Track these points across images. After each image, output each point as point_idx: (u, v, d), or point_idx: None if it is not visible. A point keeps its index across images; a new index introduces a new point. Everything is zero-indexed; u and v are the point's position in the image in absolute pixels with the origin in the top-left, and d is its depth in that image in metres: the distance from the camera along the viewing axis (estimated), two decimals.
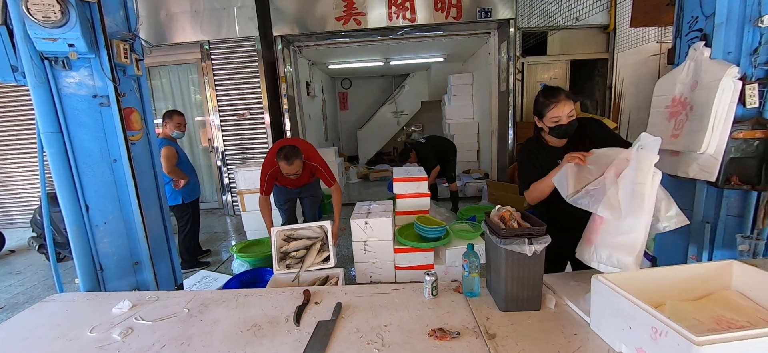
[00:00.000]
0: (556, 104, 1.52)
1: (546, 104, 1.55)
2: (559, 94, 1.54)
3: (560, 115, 1.52)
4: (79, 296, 1.64)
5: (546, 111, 1.55)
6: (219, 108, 4.97)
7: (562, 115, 1.52)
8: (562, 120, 1.53)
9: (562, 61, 5.52)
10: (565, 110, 1.52)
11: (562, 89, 1.56)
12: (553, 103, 1.53)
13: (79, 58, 1.58)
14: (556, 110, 1.52)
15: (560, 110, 1.52)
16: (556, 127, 1.55)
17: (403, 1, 4.54)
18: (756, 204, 1.62)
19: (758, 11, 1.43)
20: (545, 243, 1.20)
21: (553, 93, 1.55)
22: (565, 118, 1.52)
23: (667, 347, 0.84)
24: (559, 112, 1.52)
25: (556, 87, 1.59)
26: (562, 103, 1.52)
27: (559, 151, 1.63)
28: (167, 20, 4.65)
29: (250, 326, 1.30)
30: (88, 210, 1.74)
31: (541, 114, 1.59)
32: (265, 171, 2.67)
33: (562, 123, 1.53)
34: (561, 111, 1.52)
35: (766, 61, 1.48)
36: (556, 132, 1.57)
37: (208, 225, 4.85)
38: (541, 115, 1.59)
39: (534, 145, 1.71)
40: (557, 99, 1.52)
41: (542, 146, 1.69)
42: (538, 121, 1.64)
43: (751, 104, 1.50)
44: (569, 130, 1.56)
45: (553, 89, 1.57)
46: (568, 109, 1.52)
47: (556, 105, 1.52)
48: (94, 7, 1.56)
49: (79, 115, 1.66)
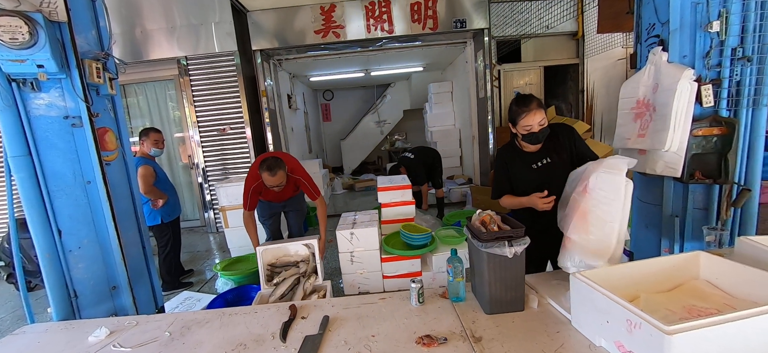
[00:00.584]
0: (527, 113, 1.57)
1: (518, 112, 1.59)
2: (530, 102, 1.58)
3: (532, 123, 1.57)
4: (52, 326, 1.56)
5: (518, 119, 1.60)
6: (198, 124, 4.88)
7: (534, 124, 1.57)
8: (533, 128, 1.58)
9: (536, 67, 5.73)
10: (536, 118, 1.56)
11: (534, 97, 1.61)
12: (525, 112, 1.57)
13: (49, 78, 1.53)
14: (527, 118, 1.57)
15: (532, 119, 1.56)
16: (528, 134, 1.60)
17: (381, 14, 4.63)
18: (719, 196, 1.72)
19: (707, 17, 1.55)
20: (525, 245, 1.23)
21: (525, 101, 1.59)
22: (537, 125, 1.57)
23: (642, 338, 0.88)
24: (530, 120, 1.57)
25: (528, 95, 1.63)
26: (533, 112, 1.56)
27: (534, 156, 1.71)
28: (142, 37, 4.57)
29: (235, 346, 1.28)
30: (61, 235, 1.67)
31: (514, 121, 1.63)
32: (248, 185, 2.63)
33: (534, 131, 1.58)
34: (532, 119, 1.56)
35: (717, 63, 1.60)
36: (528, 139, 1.62)
37: (190, 244, 4.71)
38: (514, 122, 1.64)
39: (509, 152, 1.76)
40: (529, 108, 1.57)
41: (517, 152, 1.74)
42: (512, 127, 1.70)
43: (707, 103, 1.61)
44: (541, 137, 1.61)
45: (524, 98, 1.61)
46: (539, 117, 1.56)
47: (527, 114, 1.57)
48: (64, 27, 1.53)
49: (50, 137, 1.60)
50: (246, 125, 4.84)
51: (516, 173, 1.74)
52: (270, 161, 2.44)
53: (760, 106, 1.62)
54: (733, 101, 1.63)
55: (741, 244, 1.25)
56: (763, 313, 0.84)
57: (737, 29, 1.55)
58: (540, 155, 1.70)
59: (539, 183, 1.67)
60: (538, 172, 1.70)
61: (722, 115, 1.64)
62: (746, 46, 1.57)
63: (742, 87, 1.60)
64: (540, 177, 1.69)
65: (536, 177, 1.69)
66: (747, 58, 1.57)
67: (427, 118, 7.34)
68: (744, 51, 1.57)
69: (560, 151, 1.67)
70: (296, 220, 3.07)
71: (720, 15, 1.53)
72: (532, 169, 1.70)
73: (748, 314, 0.84)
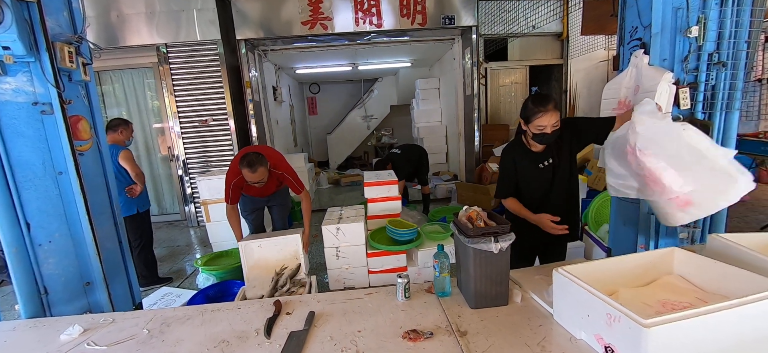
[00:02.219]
0: (544, 113, 1.53)
1: (534, 111, 1.55)
2: (547, 102, 1.53)
3: (546, 124, 1.54)
4: (20, 324, 1.48)
5: (533, 118, 1.56)
6: (179, 114, 4.71)
7: (548, 125, 1.54)
8: (546, 129, 1.54)
9: (521, 66, 5.82)
10: (552, 120, 1.53)
11: (551, 98, 1.57)
12: (541, 111, 1.53)
13: (16, 62, 1.44)
14: (542, 119, 1.53)
15: (547, 119, 1.53)
16: (539, 134, 1.57)
17: (370, 7, 4.58)
18: None
19: (687, 22, 1.60)
20: (510, 241, 1.25)
21: (542, 101, 1.54)
22: (550, 127, 1.54)
23: (621, 331, 0.91)
24: (545, 121, 1.53)
25: (546, 95, 1.58)
26: (550, 113, 1.52)
27: (540, 156, 1.69)
28: (119, 22, 4.36)
29: (218, 343, 1.25)
30: (30, 228, 1.58)
31: (528, 119, 1.59)
32: (229, 180, 2.54)
33: (547, 132, 1.55)
34: (548, 120, 1.53)
35: (695, 67, 1.66)
36: (538, 139, 1.60)
37: (170, 239, 4.58)
38: (528, 120, 1.59)
39: (517, 150, 1.72)
40: (546, 108, 1.52)
41: (525, 150, 1.71)
42: (523, 123, 1.64)
43: (685, 105, 1.67)
44: (551, 138, 1.58)
45: (542, 97, 1.56)
46: (555, 119, 1.53)
47: (544, 114, 1.53)
48: (33, 7, 1.43)
49: (17, 124, 1.51)
50: (229, 117, 4.72)
51: (522, 172, 1.72)
52: (251, 157, 2.34)
53: (733, 110, 1.70)
54: (708, 104, 1.70)
55: (712, 241, 1.31)
56: (733, 307, 0.88)
57: (714, 35, 1.62)
58: (545, 154, 1.69)
59: (543, 182, 1.68)
60: (544, 171, 1.69)
61: (698, 117, 1.70)
62: (722, 51, 1.63)
63: (716, 91, 1.67)
64: (544, 177, 1.69)
65: (540, 176, 1.69)
66: (722, 64, 1.64)
67: (414, 113, 7.35)
68: (720, 56, 1.64)
69: (562, 150, 1.67)
70: (280, 215, 3.02)
71: (699, 20, 1.58)
72: (538, 169, 1.69)
73: (718, 308, 0.88)
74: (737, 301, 0.89)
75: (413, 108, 7.41)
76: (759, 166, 4.66)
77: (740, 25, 1.61)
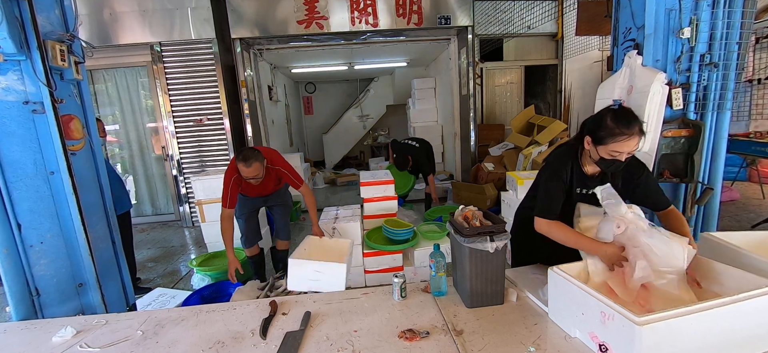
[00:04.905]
0: (628, 138, 1.19)
1: (615, 132, 1.20)
2: (634, 125, 1.19)
3: (623, 150, 1.21)
4: (11, 326, 1.47)
5: (611, 140, 1.21)
6: (173, 113, 4.67)
7: (624, 152, 1.21)
8: (621, 156, 1.22)
9: (517, 66, 5.85)
10: (632, 147, 1.20)
11: (638, 119, 1.21)
12: (625, 136, 1.19)
13: (6, 60, 1.41)
14: (622, 144, 1.20)
15: (627, 145, 1.20)
16: (610, 161, 1.24)
17: (366, 6, 4.58)
18: (684, 195, 1.82)
19: (679, 24, 1.62)
20: (506, 240, 1.26)
21: (628, 122, 1.19)
22: (625, 155, 1.21)
23: (615, 328, 0.92)
24: (624, 147, 1.20)
25: (632, 113, 1.22)
26: (635, 138, 1.19)
27: (594, 180, 1.37)
28: (111, 20, 4.31)
29: (213, 344, 1.24)
30: (21, 228, 1.56)
31: (602, 140, 1.23)
32: (228, 177, 2.44)
33: (619, 159, 1.23)
34: (628, 146, 1.20)
35: (687, 68, 1.68)
36: (605, 165, 1.27)
37: (164, 239, 4.54)
38: (601, 140, 1.23)
39: (569, 166, 1.38)
40: (631, 132, 1.18)
41: (577, 169, 1.38)
42: (588, 141, 1.29)
43: (677, 106, 1.69)
44: (619, 167, 1.26)
45: (628, 117, 1.21)
46: (634, 146, 1.21)
47: (628, 139, 1.19)
48: (24, 5, 1.41)
49: (7, 123, 1.48)
50: (224, 116, 4.68)
51: (567, 194, 1.40)
52: (246, 151, 2.32)
53: (724, 111, 1.72)
54: (700, 105, 1.72)
55: (704, 240, 1.32)
56: (725, 305, 0.89)
57: (706, 37, 1.64)
58: (590, 181, 1.38)
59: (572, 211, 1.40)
60: (580, 198, 1.41)
61: (690, 117, 1.73)
62: (713, 52, 1.66)
63: (708, 91, 1.70)
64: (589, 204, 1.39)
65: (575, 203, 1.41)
66: (714, 64, 1.66)
67: (410, 113, 7.35)
68: (711, 57, 1.66)
69: (618, 181, 1.37)
70: (282, 215, 2.88)
71: (691, 22, 1.60)
72: (576, 194, 1.40)
73: (711, 305, 0.89)
74: (729, 299, 0.90)
75: (409, 107, 7.41)
76: (749, 166, 4.73)
77: (731, 26, 1.63)
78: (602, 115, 1.26)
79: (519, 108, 5.95)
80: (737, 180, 4.68)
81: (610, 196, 1.20)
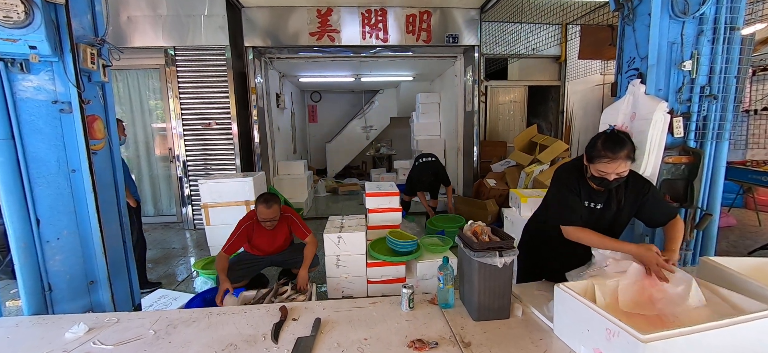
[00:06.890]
0: (611, 161, 1.34)
1: (601, 155, 1.36)
2: (619, 150, 1.33)
3: (609, 172, 1.36)
4: (22, 321, 1.48)
5: (597, 161, 1.38)
6: (182, 116, 4.75)
7: (611, 173, 1.36)
8: (608, 176, 1.37)
9: (520, 86, 5.97)
10: (618, 169, 1.35)
11: (626, 144, 1.35)
12: (609, 159, 1.34)
13: (40, 61, 1.48)
14: (607, 166, 1.35)
15: (612, 168, 1.35)
16: (600, 178, 1.40)
17: (377, 22, 4.70)
18: (684, 219, 1.87)
19: (681, 57, 1.70)
20: (514, 255, 1.30)
21: (613, 148, 1.34)
22: (613, 175, 1.36)
23: (620, 346, 0.96)
24: (609, 168, 1.35)
25: (621, 139, 1.36)
26: (619, 162, 1.34)
27: (600, 195, 1.50)
28: (128, 24, 4.42)
29: (226, 346, 1.27)
30: (39, 224, 1.60)
31: (591, 159, 1.41)
32: (241, 223, 2.52)
33: (608, 179, 1.38)
34: (613, 169, 1.35)
35: (688, 98, 1.76)
36: (596, 182, 1.44)
37: (165, 241, 4.54)
38: (591, 159, 1.41)
39: (576, 178, 1.51)
40: (615, 156, 1.33)
41: (583, 182, 1.51)
42: (585, 159, 1.46)
43: (678, 134, 1.76)
44: (612, 185, 1.41)
45: (615, 142, 1.35)
46: (623, 168, 1.35)
47: (611, 162, 1.34)
48: (60, 9, 1.48)
49: (36, 121, 1.54)
50: (232, 121, 4.76)
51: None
52: (266, 195, 2.48)
53: (723, 140, 1.79)
54: (700, 134, 1.79)
55: (704, 264, 1.37)
56: (726, 326, 0.94)
57: (706, 70, 1.72)
58: (603, 197, 1.50)
59: (589, 224, 1.48)
60: (589, 211, 1.51)
61: (690, 145, 1.79)
62: (713, 85, 1.74)
63: (708, 121, 1.77)
64: (592, 218, 1.51)
65: (589, 217, 1.51)
66: (713, 96, 1.74)
67: (413, 126, 7.44)
68: (711, 89, 1.74)
69: (614, 201, 1.49)
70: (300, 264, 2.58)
71: (692, 56, 1.68)
72: (585, 207, 1.51)
73: (713, 326, 0.94)
74: (731, 321, 0.95)
75: (413, 121, 7.51)
76: (746, 193, 4.80)
77: (730, 61, 1.71)
78: (597, 137, 1.43)
79: (521, 126, 6.05)
80: (734, 207, 4.74)
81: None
